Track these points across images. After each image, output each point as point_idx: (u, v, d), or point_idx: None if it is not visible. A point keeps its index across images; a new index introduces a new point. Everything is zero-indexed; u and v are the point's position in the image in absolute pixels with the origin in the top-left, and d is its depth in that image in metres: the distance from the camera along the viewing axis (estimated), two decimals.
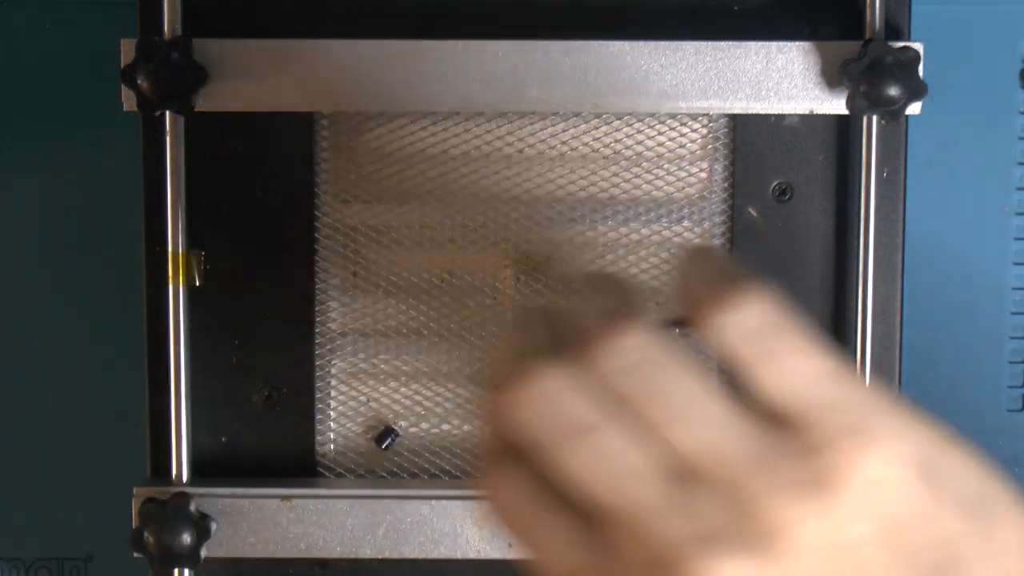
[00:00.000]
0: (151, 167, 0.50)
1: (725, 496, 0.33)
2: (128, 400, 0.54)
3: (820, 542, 0.33)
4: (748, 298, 0.35)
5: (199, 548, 0.50)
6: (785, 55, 0.49)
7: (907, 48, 0.48)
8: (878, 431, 0.34)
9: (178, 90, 0.48)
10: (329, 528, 0.51)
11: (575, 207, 0.52)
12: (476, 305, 0.52)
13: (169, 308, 0.50)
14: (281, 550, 0.51)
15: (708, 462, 0.34)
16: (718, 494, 0.33)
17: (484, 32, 0.50)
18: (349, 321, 0.52)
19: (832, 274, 0.51)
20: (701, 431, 0.34)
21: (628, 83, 0.49)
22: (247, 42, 0.50)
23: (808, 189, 0.51)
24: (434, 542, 0.51)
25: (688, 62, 0.49)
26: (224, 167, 0.51)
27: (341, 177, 0.52)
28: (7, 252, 0.59)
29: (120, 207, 0.54)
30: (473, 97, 0.50)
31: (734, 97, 0.49)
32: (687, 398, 0.34)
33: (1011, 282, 0.58)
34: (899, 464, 0.34)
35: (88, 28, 0.58)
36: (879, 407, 0.34)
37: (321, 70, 0.50)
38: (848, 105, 0.49)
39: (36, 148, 0.59)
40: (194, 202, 0.51)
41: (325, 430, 0.52)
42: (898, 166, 0.50)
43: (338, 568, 0.51)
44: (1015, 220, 0.58)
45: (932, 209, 0.57)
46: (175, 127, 0.50)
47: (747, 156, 0.51)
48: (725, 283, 0.35)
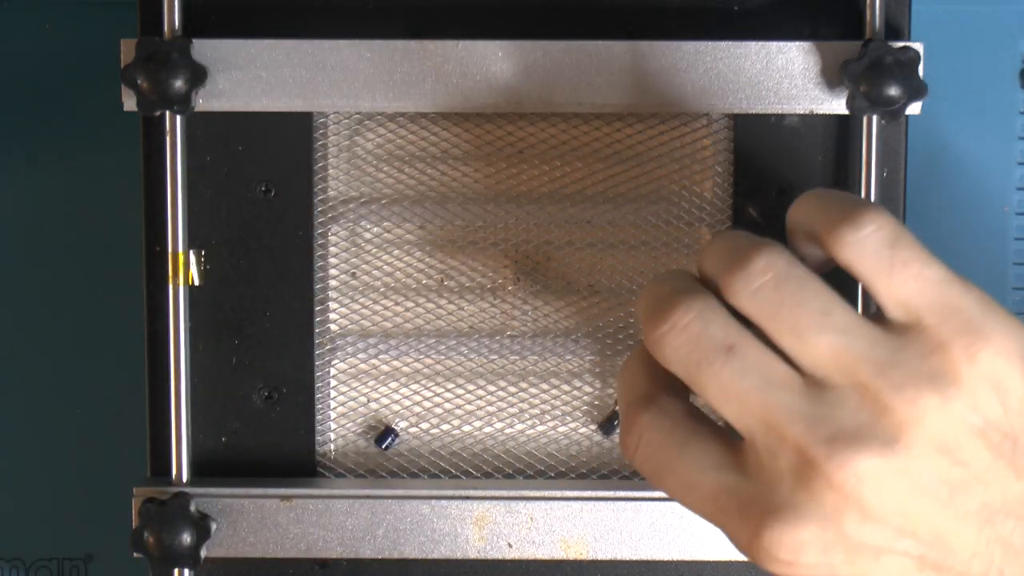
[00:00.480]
0: (151, 167, 0.50)
1: (856, 398, 0.37)
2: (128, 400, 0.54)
3: (940, 434, 0.36)
4: (865, 219, 0.38)
5: (199, 548, 0.50)
6: (785, 55, 0.49)
7: (907, 48, 0.48)
8: (988, 331, 0.37)
9: (178, 90, 0.48)
10: (329, 528, 0.51)
11: (575, 207, 0.52)
12: (476, 305, 0.52)
13: (169, 308, 0.50)
14: (281, 550, 0.51)
15: (839, 368, 0.37)
16: (850, 396, 0.37)
17: (484, 32, 0.50)
18: (349, 321, 0.52)
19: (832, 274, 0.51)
20: (832, 338, 0.37)
21: (628, 83, 0.49)
22: (247, 42, 0.50)
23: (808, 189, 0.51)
24: (434, 542, 0.51)
25: (688, 62, 0.49)
26: (224, 167, 0.51)
27: (341, 177, 0.52)
28: (6, 252, 0.59)
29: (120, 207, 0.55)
30: (473, 97, 0.50)
31: (734, 97, 0.49)
32: (817, 309, 0.38)
33: (1011, 282, 0.58)
34: (1007, 360, 0.37)
35: (88, 28, 0.58)
36: (989, 310, 0.37)
37: (321, 70, 0.50)
38: (848, 105, 0.49)
39: (36, 148, 0.59)
40: (194, 202, 0.51)
41: (325, 430, 0.52)
42: (898, 166, 0.50)
43: (338, 568, 0.51)
44: (1015, 220, 0.58)
45: (932, 209, 0.57)
46: (175, 127, 0.50)
47: (747, 156, 0.51)
48: (843, 208, 0.39)
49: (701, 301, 0.38)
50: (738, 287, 0.38)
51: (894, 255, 0.38)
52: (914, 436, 0.36)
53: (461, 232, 0.52)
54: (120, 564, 0.57)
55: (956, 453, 0.36)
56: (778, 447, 0.37)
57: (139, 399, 0.51)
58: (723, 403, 0.38)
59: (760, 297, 0.38)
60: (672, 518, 0.50)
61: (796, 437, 0.37)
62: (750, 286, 0.38)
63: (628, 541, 0.50)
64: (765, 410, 0.37)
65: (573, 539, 0.51)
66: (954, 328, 0.37)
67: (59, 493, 0.60)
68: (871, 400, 0.36)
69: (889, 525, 0.36)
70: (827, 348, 0.37)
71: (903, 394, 0.36)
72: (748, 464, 0.38)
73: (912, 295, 0.37)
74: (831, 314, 0.38)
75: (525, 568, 0.51)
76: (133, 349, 0.51)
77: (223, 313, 0.51)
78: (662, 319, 0.38)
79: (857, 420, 0.36)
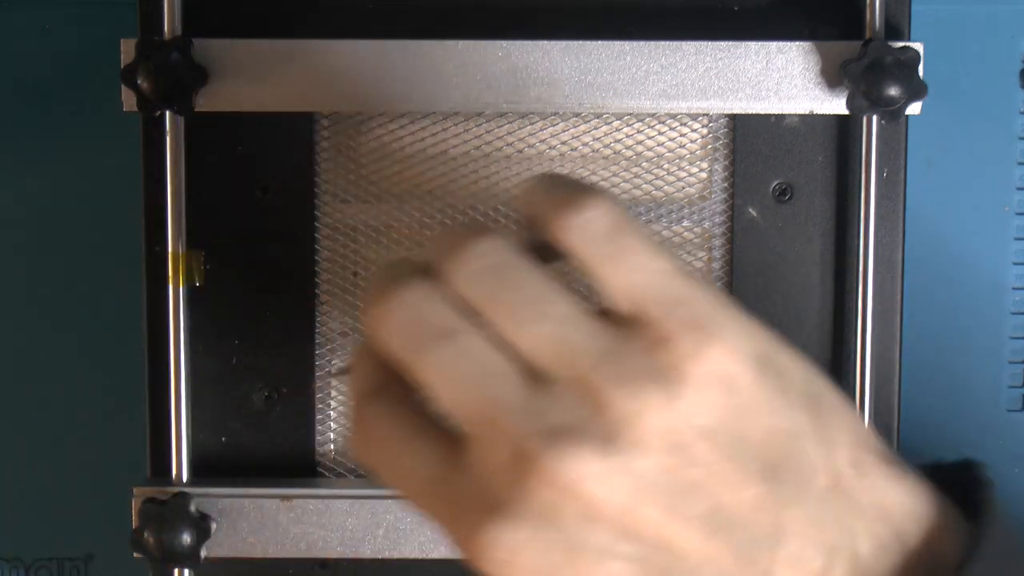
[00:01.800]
0: (151, 167, 0.50)
1: (575, 392, 0.34)
2: (128, 400, 0.54)
3: (663, 433, 0.34)
4: (590, 203, 0.36)
5: (199, 548, 0.50)
6: (785, 55, 0.49)
7: (907, 48, 0.48)
8: (717, 327, 0.34)
9: (178, 90, 0.48)
10: (329, 528, 0.51)
11: None
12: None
13: (169, 308, 0.50)
14: (281, 550, 0.51)
15: (557, 360, 0.34)
16: (568, 391, 0.34)
17: (484, 32, 0.50)
18: (349, 321, 0.52)
19: (832, 274, 0.51)
20: (549, 328, 0.35)
21: (628, 83, 0.49)
22: (247, 42, 0.50)
23: (808, 189, 0.51)
24: (434, 542, 0.51)
25: (688, 62, 0.49)
26: (224, 167, 0.51)
27: (341, 177, 0.52)
28: (6, 252, 0.59)
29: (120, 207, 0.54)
30: (473, 97, 0.50)
31: (734, 97, 0.49)
32: (534, 299, 0.35)
33: (1011, 282, 0.58)
34: (737, 358, 0.34)
35: (88, 28, 0.58)
36: (718, 305, 0.35)
37: (321, 70, 0.50)
38: (848, 105, 0.49)
39: (36, 148, 0.59)
40: (194, 202, 0.51)
41: (325, 430, 0.52)
42: (898, 166, 0.50)
43: (338, 568, 0.51)
44: (1015, 220, 0.58)
45: (932, 209, 0.57)
46: (175, 127, 0.50)
47: (747, 156, 0.51)
48: (568, 192, 0.36)
49: (420, 286, 0.36)
50: (456, 271, 0.36)
51: (619, 241, 0.35)
52: (635, 434, 0.34)
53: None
54: (120, 564, 0.57)
55: (681, 454, 0.34)
56: (493, 440, 0.34)
57: (139, 399, 0.51)
58: (441, 392, 0.35)
59: (478, 282, 0.35)
60: None
61: (511, 429, 0.34)
62: (468, 269, 0.35)
63: None
64: (481, 401, 0.34)
65: None
66: (681, 322, 0.34)
67: (59, 493, 0.60)
68: (591, 395, 0.34)
69: (610, 527, 0.34)
70: (546, 338, 0.35)
71: (622, 389, 0.34)
72: (467, 460, 0.35)
73: (637, 285, 0.35)
74: (551, 303, 0.35)
75: None
76: (133, 349, 0.51)
77: (223, 313, 0.51)
78: (381, 302, 0.36)
79: (576, 415, 0.34)
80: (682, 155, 0.51)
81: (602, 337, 0.35)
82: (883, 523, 0.36)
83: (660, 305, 0.35)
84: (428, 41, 0.49)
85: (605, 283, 0.35)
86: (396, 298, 0.36)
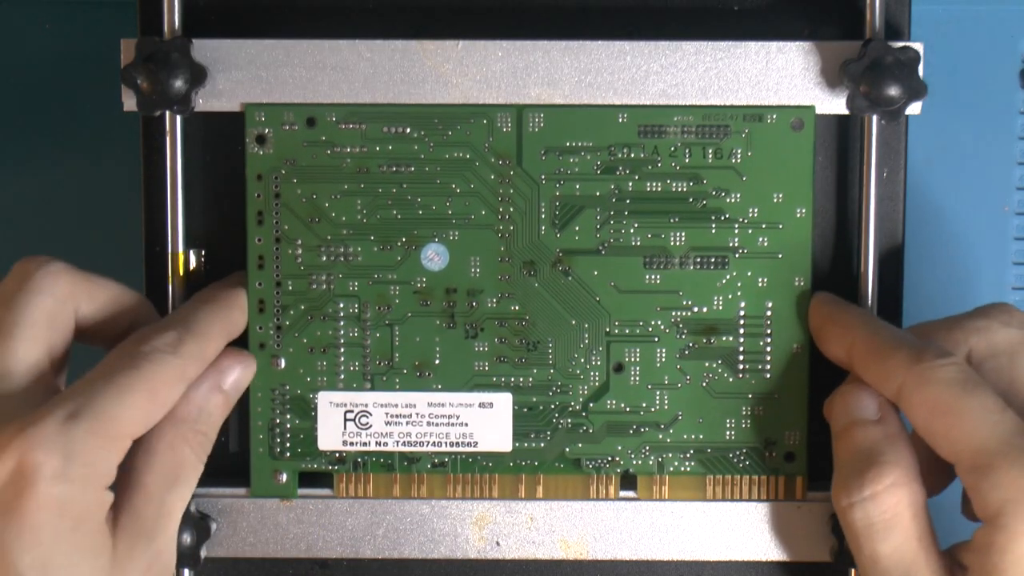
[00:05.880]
0: (151, 167, 0.50)
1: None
2: None
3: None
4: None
5: (199, 548, 0.50)
6: (785, 55, 0.49)
7: (907, 48, 0.48)
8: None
9: (178, 90, 0.48)
10: (329, 528, 0.51)
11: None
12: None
13: (169, 308, 0.50)
14: (281, 550, 0.51)
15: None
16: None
17: (484, 32, 0.50)
18: None
19: (832, 274, 0.51)
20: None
21: (628, 83, 0.49)
22: (247, 42, 0.50)
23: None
24: (434, 542, 0.51)
25: (688, 62, 0.49)
26: (224, 167, 0.51)
27: None
28: (6, 252, 0.59)
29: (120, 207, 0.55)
30: (473, 97, 0.50)
31: (734, 97, 0.49)
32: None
33: (1011, 282, 0.58)
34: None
35: (88, 28, 0.58)
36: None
37: (321, 70, 0.50)
38: (848, 105, 0.49)
39: (36, 148, 0.59)
40: (194, 202, 0.51)
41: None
42: (898, 166, 0.50)
43: (338, 568, 0.51)
44: (1015, 220, 0.58)
45: (932, 209, 0.57)
46: (175, 127, 0.50)
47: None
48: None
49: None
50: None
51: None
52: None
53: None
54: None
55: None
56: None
57: None
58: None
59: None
60: (672, 518, 0.50)
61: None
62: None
63: (628, 541, 0.50)
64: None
65: (573, 539, 0.51)
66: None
67: None
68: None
69: None
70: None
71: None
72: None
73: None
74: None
75: (525, 568, 0.51)
76: None
77: None
78: (926, 359, 0.44)
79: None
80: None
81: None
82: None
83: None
84: (428, 41, 0.49)
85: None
86: (946, 357, 0.44)
